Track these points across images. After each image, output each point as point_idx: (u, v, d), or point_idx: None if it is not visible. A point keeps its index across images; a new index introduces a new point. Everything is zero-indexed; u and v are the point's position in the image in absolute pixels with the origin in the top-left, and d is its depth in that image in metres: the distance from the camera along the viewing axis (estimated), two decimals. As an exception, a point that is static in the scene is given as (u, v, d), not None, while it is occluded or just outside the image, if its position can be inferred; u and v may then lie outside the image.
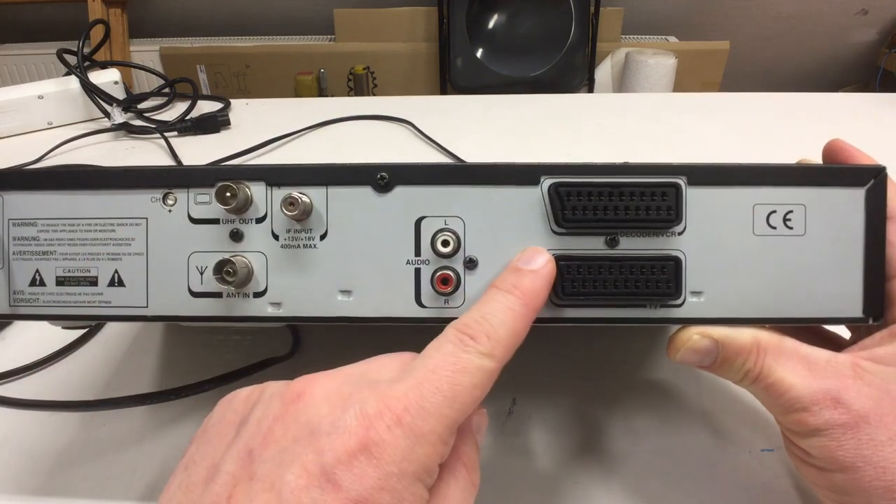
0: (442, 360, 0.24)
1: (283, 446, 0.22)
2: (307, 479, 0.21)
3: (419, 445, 0.22)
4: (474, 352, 0.25)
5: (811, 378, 0.27)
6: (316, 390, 0.24)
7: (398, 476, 0.22)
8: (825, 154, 0.34)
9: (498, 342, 0.25)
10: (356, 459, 0.21)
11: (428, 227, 0.30)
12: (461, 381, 0.24)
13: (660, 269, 0.29)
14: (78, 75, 0.95)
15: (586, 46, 2.21)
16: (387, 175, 0.30)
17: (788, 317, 0.29)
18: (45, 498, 0.38)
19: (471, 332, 0.25)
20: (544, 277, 0.28)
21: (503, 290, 0.27)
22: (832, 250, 0.29)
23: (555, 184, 0.29)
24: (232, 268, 0.28)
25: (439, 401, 0.23)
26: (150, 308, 0.30)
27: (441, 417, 0.23)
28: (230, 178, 0.29)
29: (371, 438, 0.22)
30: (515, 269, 0.28)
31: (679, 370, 0.46)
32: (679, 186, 0.29)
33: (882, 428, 0.26)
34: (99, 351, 0.50)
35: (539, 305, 0.27)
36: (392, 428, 0.22)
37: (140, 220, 0.30)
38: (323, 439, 0.22)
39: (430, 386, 0.23)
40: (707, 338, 0.29)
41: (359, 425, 0.22)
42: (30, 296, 0.30)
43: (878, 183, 0.29)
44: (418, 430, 0.22)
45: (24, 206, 0.31)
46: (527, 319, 0.27)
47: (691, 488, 0.38)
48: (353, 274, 0.30)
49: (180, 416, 0.43)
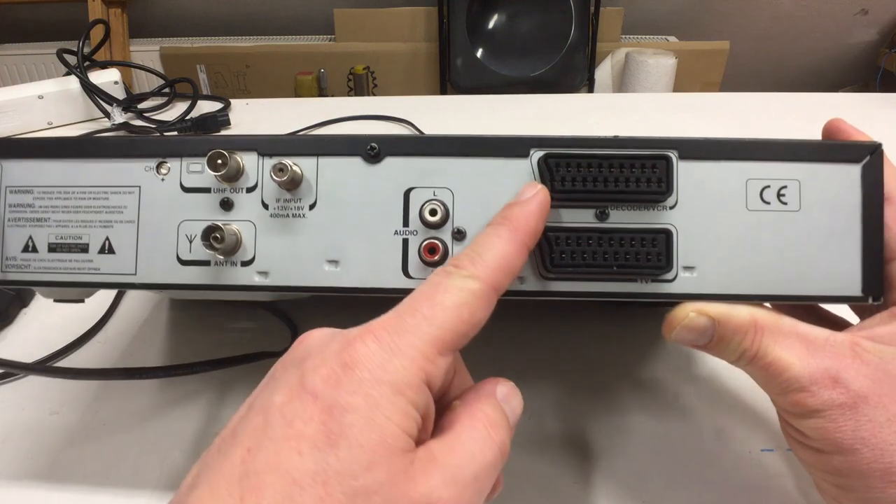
0: (425, 287, 0.25)
1: (276, 377, 0.24)
2: (289, 395, 0.22)
3: (395, 357, 0.23)
4: (457, 275, 0.25)
5: (809, 357, 0.27)
6: (314, 332, 0.26)
7: (371, 382, 0.22)
8: (824, 133, 0.33)
9: (484, 265, 0.25)
10: (333, 372, 0.22)
11: (417, 198, 0.30)
12: (441, 300, 0.24)
13: (650, 241, 0.29)
14: (78, 75, 0.95)
15: (586, 46, 2.21)
16: (377, 146, 0.30)
17: (785, 294, 0.29)
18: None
19: (456, 261, 0.26)
20: (535, 203, 0.28)
21: (493, 224, 0.27)
22: (829, 227, 0.29)
23: (545, 155, 0.29)
24: (220, 234, 0.28)
25: (418, 320, 0.24)
26: (138, 275, 0.30)
27: (420, 333, 0.23)
28: (223, 147, 0.29)
29: (349, 354, 0.23)
30: (506, 204, 0.28)
31: (678, 369, 0.46)
32: (670, 159, 0.29)
33: (881, 408, 0.25)
34: (98, 350, 0.51)
35: (530, 230, 0.27)
36: (368, 343, 0.23)
37: (133, 189, 0.30)
38: (307, 362, 0.23)
39: (409, 308, 0.24)
40: (703, 315, 0.28)
41: (340, 348, 0.23)
42: (21, 262, 0.31)
43: (874, 159, 0.29)
44: (394, 344, 0.23)
45: (21, 174, 0.31)
46: (517, 243, 0.27)
47: (691, 488, 0.38)
48: (341, 244, 0.30)
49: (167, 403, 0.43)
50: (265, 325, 0.52)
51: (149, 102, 1.02)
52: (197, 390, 0.45)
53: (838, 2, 2.30)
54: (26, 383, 0.47)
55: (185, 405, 0.44)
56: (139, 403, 0.45)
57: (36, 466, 0.40)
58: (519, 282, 0.29)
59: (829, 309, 0.35)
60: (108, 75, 1.00)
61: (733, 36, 2.29)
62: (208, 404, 0.44)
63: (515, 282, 0.29)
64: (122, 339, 0.52)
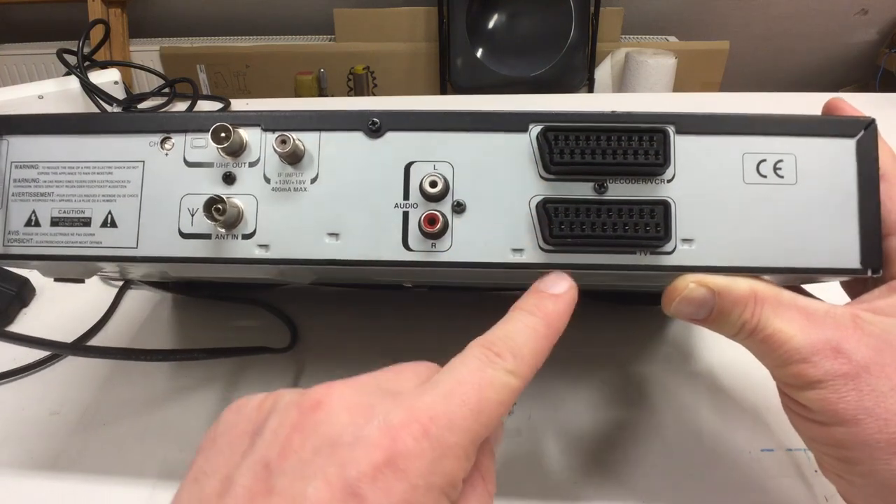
0: (469, 374, 0.24)
1: (303, 458, 0.21)
2: (330, 494, 0.20)
3: (446, 458, 0.22)
4: (500, 368, 0.24)
5: (810, 328, 0.27)
6: (334, 399, 0.23)
7: (425, 490, 0.21)
8: (824, 111, 0.34)
9: (523, 360, 0.25)
10: (381, 473, 0.20)
11: (417, 172, 0.30)
12: (488, 395, 0.23)
13: (649, 212, 0.29)
14: (78, 75, 0.95)
15: (586, 46, 2.21)
16: (378, 120, 0.30)
17: (784, 266, 0.29)
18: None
19: (496, 349, 0.25)
20: (566, 302, 0.28)
21: (526, 310, 0.27)
22: (826, 200, 0.29)
23: (544, 128, 0.29)
24: (222, 205, 0.28)
25: (466, 414, 0.23)
26: (139, 249, 0.30)
27: (467, 431, 0.22)
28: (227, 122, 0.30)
29: (397, 450, 0.21)
30: (538, 291, 0.28)
31: (678, 368, 0.46)
32: (667, 132, 0.29)
33: (883, 378, 0.25)
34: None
35: (560, 329, 0.27)
36: (419, 439, 0.21)
37: (137, 164, 0.31)
38: (345, 451, 0.21)
39: (457, 399, 0.23)
40: (703, 286, 0.28)
41: (383, 436, 0.21)
42: (24, 236, 0.31)
43: (868, 133, 0.29)
44: (445, 442, 0.22)
45: (27, 149, 0.31)
46: (549, 341, 0.27)
47: (691, 488, 0.38)
48: (342, 217, 0.30)
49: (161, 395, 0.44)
50: (266, 324, 0.52)
51: (149, 102, 1.02)
52: (198, 388, 0.46)
53: (838, 2, 2.30)
54: (26, 383, 0.47)
55: (186, 404, 0.45)
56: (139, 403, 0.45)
57: (36, 465, 0.40)
58: (518, 254, 0.29)
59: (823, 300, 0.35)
60: (108, 75, 1.00)
61: (733, 36, 2.29)
62: (210, 403, 0.45)
63: (513, 254, 0.29)
64: (123, 339, 0.52)
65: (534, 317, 0.27)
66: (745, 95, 1.04)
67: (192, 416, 0.44)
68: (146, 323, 0.53)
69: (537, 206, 0.29)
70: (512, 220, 0.29)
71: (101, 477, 0.39)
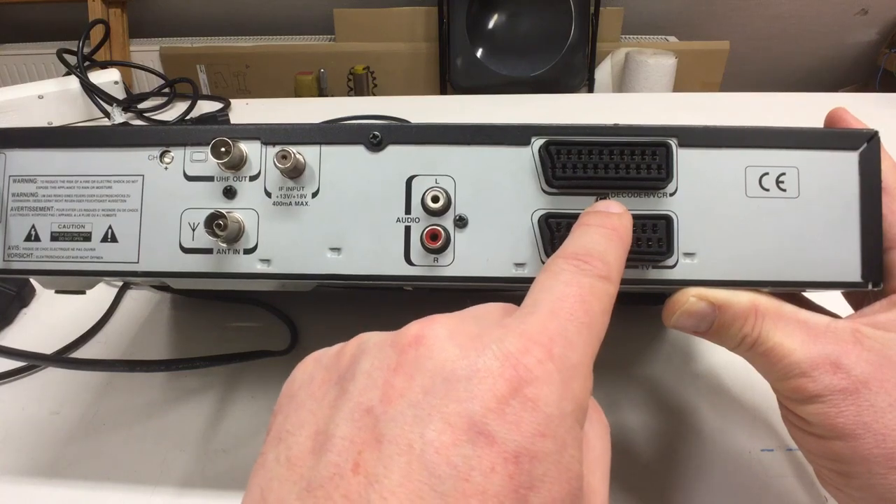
0: (566, 287, 0.22)
1: (413, 400, 0.19)
2: (453, 435, 0.18)
3: (574, 380, 0.20)
4: (594, 275, 0.23)
5: (810, 343, 0.27)
6: (438, 331, 0.21)
7: (559, 418, 0.19)
8: (827, 122, 0.34)
9: (612, 266, 0.23)
10: (508, 405, 0.18)
11: (419, 186, 0.30)
12: (593, 306, 0.22)
13: (651, 227, 0.29)
14: (78, 75, 0.95)
15: (586, 46, 2.21)
16: (379, 134, 0.30)
17: (785, 280, 0.29)
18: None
19: (581, 256, 0.23)
20: (629, 219, 0.27)
21: (594, 224, 0.25)
22: (827, 214, 0.29)
23: (546, 142, 0.29)
24: (223, 221, 0.28)
25: (580, 328, 0.21)
26: (140, 264, 0.30)
27: (586, 346, 0.21)
28: (227, 136, 0.29)
29: (522, 378, 0.19)
30: (597, 212, 0.26)
31: (678, 368, 0.46)
32: (669, 146, 0.29)
33: (882, 394, 0.25)
34: (99, 349, 0.51)
35: (629, 245, 0.26)
36: (544, 362, 0.19)
37: (136, 178, 0.30)
38: (462, 386, 0.19)
39: (565, 314, 0.21)
40: (704, 300, 0.28)
41: (503, 365, 0.19)
42: (24, 251, 0.31)
43: (871, 146, 0.29)
44: (569, 362, 0.20)
45: (25, 163, 0.31)
46: (625, 251, 0.25)
47: (691, 488, 0.38)
48: (344, 232, 0.30)
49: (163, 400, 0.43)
50: (266, 324, 0.52)
51: (149, 102, 1.02)
52: (198, 390, 0.45)
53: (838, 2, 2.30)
54: (26, 383, 0.47)
55: (187, 405, 0.44)
56: (139, 403, 0.45)
57: (36, 465, 0.40)
58: (520, 268, 0.29)
59: (826, 307, 0.35)
60: (108, 75, 1.00)
61: (733, 36, 2.29)
62: (210, 404, 0.44)
63: (516, 268, 0.29)
64: (123, 339, 0.52)
65: (604, 228, 0.25)
66: (745, 95, 1.04)
67: (193, 417, 0.43)
68: (146, 323, 0.53)
69: (539, 220, 0.29)
70: (514, 235, 0.29)
71: (101, 477, 0.39)
